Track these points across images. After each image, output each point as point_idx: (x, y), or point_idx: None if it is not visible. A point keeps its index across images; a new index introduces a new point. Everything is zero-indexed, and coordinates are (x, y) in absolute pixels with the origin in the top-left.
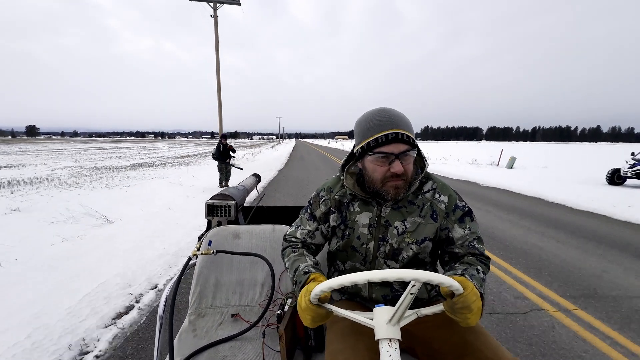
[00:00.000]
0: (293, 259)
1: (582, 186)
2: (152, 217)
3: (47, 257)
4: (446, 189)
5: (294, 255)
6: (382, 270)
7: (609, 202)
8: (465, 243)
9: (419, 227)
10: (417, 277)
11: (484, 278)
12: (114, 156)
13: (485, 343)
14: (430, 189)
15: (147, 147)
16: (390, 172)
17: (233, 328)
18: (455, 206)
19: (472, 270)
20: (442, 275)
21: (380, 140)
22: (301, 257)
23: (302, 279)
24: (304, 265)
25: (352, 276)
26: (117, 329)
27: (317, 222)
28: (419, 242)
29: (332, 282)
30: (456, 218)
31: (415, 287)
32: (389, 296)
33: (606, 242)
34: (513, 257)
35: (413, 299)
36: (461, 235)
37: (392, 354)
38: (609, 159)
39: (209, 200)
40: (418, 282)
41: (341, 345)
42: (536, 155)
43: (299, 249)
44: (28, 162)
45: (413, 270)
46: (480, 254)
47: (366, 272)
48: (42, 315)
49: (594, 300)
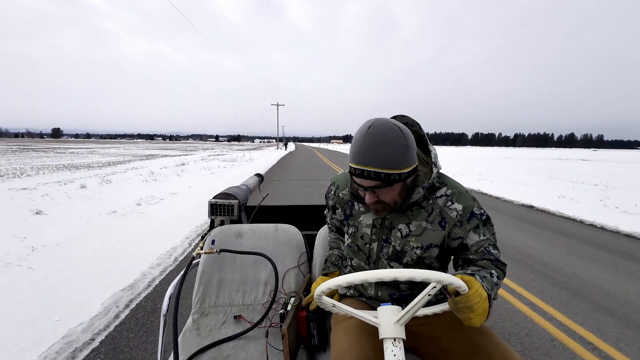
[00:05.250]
0: (330, 247)
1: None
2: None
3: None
4: (463, 197)
5: (330, 241)
6: (378, 270)
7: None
8: (480, 249)
9: (424, 232)
10: (413, 276)
11: (497, 283)
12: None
13: (494, 344)
14: (443, 195)
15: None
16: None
17: (236, 327)
18: (471, 214)
19: (484, 273)
20: (451, 276)
21: (354, 170)
22: (333, 250)
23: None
24: (329, 261)
25: (350, 277)
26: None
27: (330, 211)
28: (424, 247)
29: (331, 283)
30: (471, 227)
31: (435, 288)
32: (395, 295)
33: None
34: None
35: (428, 300)
36: (476, 241)
37: (396, 353)
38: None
39: (212, 200)
40: (429, 282)
41: (346, 344)
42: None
43: (334, 232)
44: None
45: (411, 270)
46: (496, 259)
47: (364, 272)
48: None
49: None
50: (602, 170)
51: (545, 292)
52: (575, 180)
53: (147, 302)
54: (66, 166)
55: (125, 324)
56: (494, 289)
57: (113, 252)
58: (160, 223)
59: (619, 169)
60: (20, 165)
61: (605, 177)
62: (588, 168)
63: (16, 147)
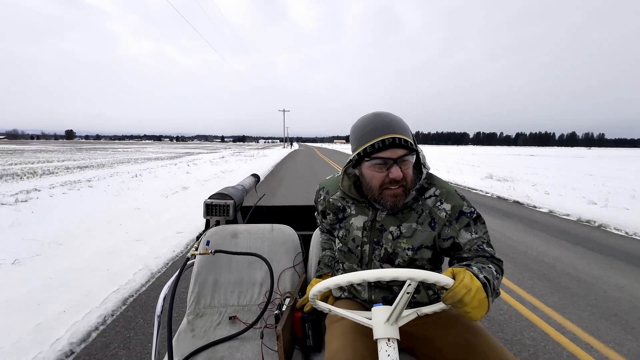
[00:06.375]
0: (322, 249)
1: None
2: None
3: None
4: (451, 196)
5: (322, 242)
6: (375, 269)
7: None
8: (473, 247)
9: (415, 234)
10: (412, 276)
11: (497, 276)
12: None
13: (487, 344)
14: (432, 195)
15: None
16: (388, 178)
17: (231, 328)
18: (460, 213)
19: (482, 265)
20: (427, 272)
21: (377, 146)
22: (325, 251)
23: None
24: (322, 263)
25: (336, 279)
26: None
27: (320, 215)
28: (415, 249)
29: (321, 286)
30: (461, 225)
31: (411, 286)
32: (388, 297)
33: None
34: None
35: (409, 298)
36: (468, 240)
37: (390, 353)
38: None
39: (207, 200)
40: (413, 280)
41: (341, 344)
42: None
43: (325, 233)
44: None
45: (408, 269)
46: (491, 256)
47: (349, 274)
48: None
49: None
50: (545, 163)
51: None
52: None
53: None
54: (147, 159)
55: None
56: (494, 281)
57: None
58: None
59: (569, 163)
60: (119, 159)
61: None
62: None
63: (67, 148)
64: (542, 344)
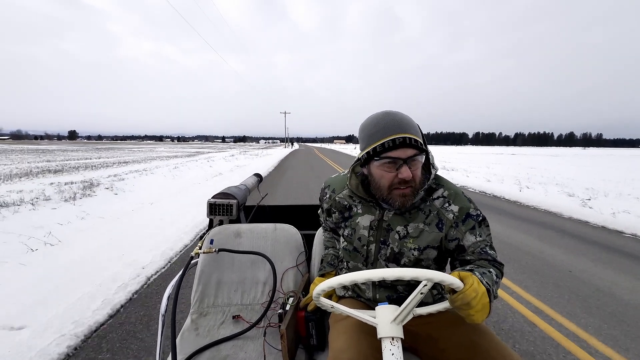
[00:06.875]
0: (325, 247)
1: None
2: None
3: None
4: (459, 198)
5: (325, 240)
6: (382, 269)
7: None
8: (476, 250)
9: (422, 234)
10: (417, 275)
11: (496, 281)
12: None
13: (491, 344)
14: (440, 197)
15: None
16: (397, 178)
17: (235, 327)
18: (467, 215)
19: (483, 270)
20: (442, 273)
21: (387, 145)
22: (328, 250)
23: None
24: (324, 262)
25: (341, 278)
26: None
27: (324, 213)
28: (421, 249)
29: (332, 282)
30: (467, 228)
31: (426, 287)
32: (393, 296)
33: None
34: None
35: (422, 298)
36: (472, 242)
37: (394, 352)
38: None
39: (210, 199)
40: (419, 280)
41: (344, 343)
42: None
43: (328, 232)
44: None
45: (413, 269)
46: (493, 259)
47: (354, 273)
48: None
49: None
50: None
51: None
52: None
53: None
54: (168, 157)
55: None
56: (494, 286)
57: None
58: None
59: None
60: (143, 157)
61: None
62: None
63: (85, 148)
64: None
